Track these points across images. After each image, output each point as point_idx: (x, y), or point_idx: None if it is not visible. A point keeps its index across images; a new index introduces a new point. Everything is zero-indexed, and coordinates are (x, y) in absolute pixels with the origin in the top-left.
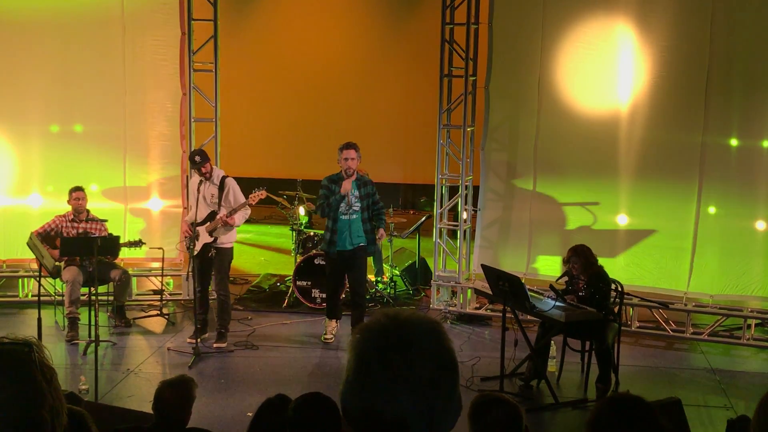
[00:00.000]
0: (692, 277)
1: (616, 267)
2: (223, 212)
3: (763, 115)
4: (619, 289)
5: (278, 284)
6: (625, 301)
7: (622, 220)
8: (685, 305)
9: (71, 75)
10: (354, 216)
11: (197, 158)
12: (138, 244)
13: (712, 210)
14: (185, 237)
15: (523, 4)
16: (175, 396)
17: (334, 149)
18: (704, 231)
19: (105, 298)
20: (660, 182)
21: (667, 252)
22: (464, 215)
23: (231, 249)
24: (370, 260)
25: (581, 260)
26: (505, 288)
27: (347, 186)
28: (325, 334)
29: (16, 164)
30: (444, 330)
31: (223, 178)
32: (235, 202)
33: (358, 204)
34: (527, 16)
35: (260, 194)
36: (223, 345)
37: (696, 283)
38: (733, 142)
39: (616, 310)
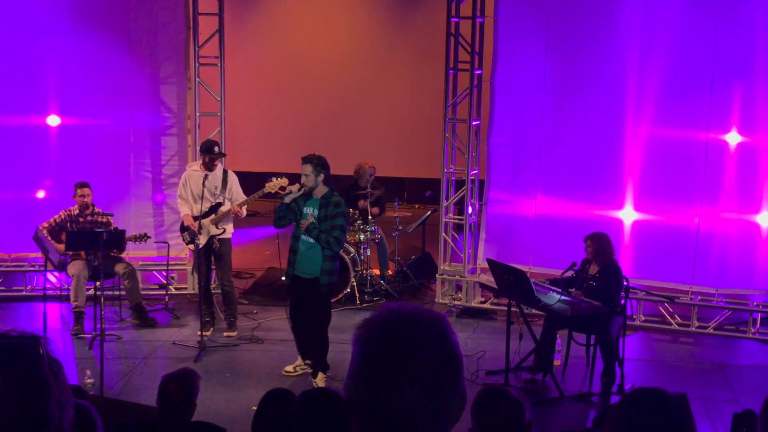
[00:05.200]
0: (696, 271)
1: (621, 260)
2: (228, 204)
3: (766, 110)
4: (625, 283)
5: (283, 278)
6: (630, 294)
7: (627, 214)
8: (691, 299)
9: (76, 68)
10: (311, 240)
11: (216, 148)
12: (143, 238)
13: (715, 204)
14: (189, 231)
15: None
16: (178, 389)
17: (339, 143)
18: (708, 225)
19: (110, 292)
20: (664, 176)
21: (672, 246)
22: (470, 209)
23: (230, 239)
24: (374, 257)
25: (594, 245)
26: (511, 282)
27: (292, 188)
28: (288, 366)
29: (21, 158)
30: (448, 323)
31: (225, 170)
32: (236, 194)
33: (315, 226)
34: (532, 9)
35: (281, 181)
36: (234, 334)
37: (700, 277)
38: (737, 137)
39: (622, 303)
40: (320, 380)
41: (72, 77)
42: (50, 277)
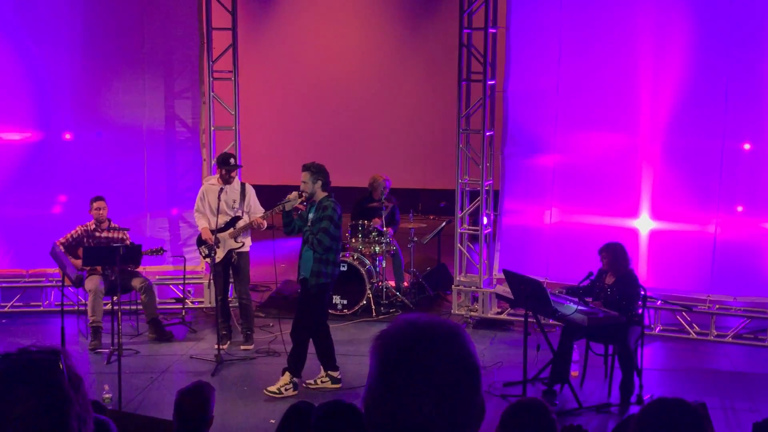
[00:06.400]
0: (714, 279)
1: (638, 269)
2: (246, 218)
3: None
4: (643, 292)
5: (298, 291)
6: (648, 304)
7: (644, 223)
8: (709, 308)
9: (90, 83)
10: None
11: (232, 160)
12: (159, 252)
13: (732, 212)
14: (206, 245)
15: (540, 8)
16: (193, 402)
17: (353, 155)
18: (725, 233)
19: (127, 306)
20: (680, 184)
21: (689, 254)
22: (485, 220)
23: (248, 252)
24: (389, 269)
25: (610, 256)
26: (527, 293)
27: (291, 196)
28: (309, 380)
29: (37, 174)
30: (465, 334)
31: (243, 184)
32: (255, 207)
33: (307, 229)
34: (545, 19)
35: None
36: (251, 347)
37: (718, 285)
38: (752, 145)
39: (639, 313)
40: (282, 381)
41: (86, 93)
42: (67, 292)
